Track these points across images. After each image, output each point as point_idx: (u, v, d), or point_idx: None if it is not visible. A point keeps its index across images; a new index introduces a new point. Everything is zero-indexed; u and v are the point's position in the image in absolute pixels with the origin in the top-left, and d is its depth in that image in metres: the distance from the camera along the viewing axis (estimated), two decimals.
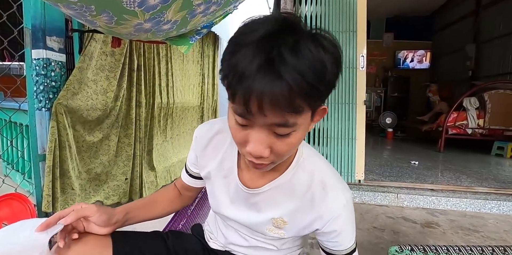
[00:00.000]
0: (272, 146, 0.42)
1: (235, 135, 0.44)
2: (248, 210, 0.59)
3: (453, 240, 1.70)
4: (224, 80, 0.39)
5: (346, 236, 0.55)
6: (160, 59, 2.35)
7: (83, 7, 0.89)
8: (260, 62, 0.35)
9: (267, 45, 0.35)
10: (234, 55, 0.37)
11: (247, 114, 0.38)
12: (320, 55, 0.37)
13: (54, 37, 1.38)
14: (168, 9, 1.07)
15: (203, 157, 0.63)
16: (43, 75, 1.34)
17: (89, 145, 1.63)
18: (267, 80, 0.35)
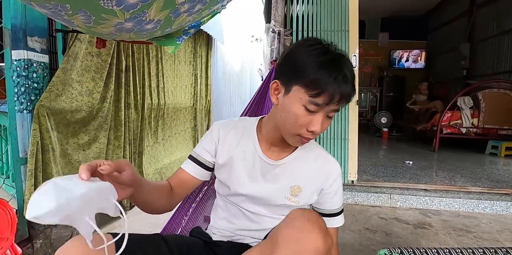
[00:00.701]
0: (323, 126, 0.63)
1: (301, 119, 0.62)
2: (267, 183, 0.72)
3: (445, 241, 1.68)
4: (306, 84, 0.60)
5: (340, 197, 0.76)
6: (150, 60, 2.31)
7: (57, 6, 0.86)
8: (340, 74, 0.59)
9: (340, 64, 0.60)
10: (315, 67, 0.59)
11: (325, 104, 0.60)
12: (351, 64, 0.64)
13: (36, 37, 1.34)
14: (149, 8, 1.04)
15: (224, 144, 0.75)
16: (24, 77, 1.30)
17: (74, 147, 1.59)
18: (345, 85, 0.59)
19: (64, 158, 1.54)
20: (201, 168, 0.76)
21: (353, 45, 2.36)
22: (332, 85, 0.58)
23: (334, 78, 0.58)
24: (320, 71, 0.58)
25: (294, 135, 0.65)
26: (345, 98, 0.60)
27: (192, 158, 0.77)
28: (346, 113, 2.38)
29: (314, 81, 0.58)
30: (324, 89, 0.58)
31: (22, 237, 1.31)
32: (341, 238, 1.69)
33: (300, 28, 2.41)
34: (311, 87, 0.59)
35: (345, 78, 0.59)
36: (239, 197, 0.74)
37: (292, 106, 0.62)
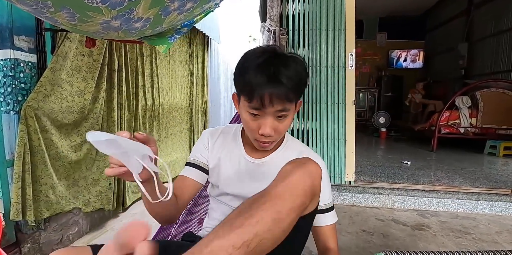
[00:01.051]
0: (275, 128, 0.65)
1: (250, 125, 0.66)
2: (253, 182, 0.74)
3: (443, 243, 1.65)
4: (242, 89, 0.64)
5: (327, 192, 0.74)
6: (144, 60, 2.28)
7: (39, 3, 0.83)
8: (267, 76, 0.60)
9: (268, 66, 0.60)
10: (246, 74, 0.61)
11: (262, 107, 0.61)
12: (297, 67, 0.63)
13: (23, 36, 1.31)
14: (137, 6, 1.01)
15: (213, 149, 0.80)
16: (11, 77, 1.27)
17: (66, 149, 1.56)
18: (273, 87, 0.60)
19: (56, 160, 1.50)
20: (200, 171, 0.80)
21: (349, 45, 2.33)
22: (260, 88, 0.59)
23: (261, 81, 0.59)
24: (250, 73, 0.60)
25: (253, 139, 0.69)
26: (278, 99, 0.60)
27: (190, 164, 0.81)
28: (343, 114, 2.35)
29: (245, 86, 0.62)
30: (253, 93, 0.60)
31: (9, 242, 1.27)
32: (338, 241, 1.65)
33: (296, 27, 2.38)
34: (245, 93, 0.62)
35: (274, 79, 0.59)
36: (229, 196, 0.77)
37: (242, 114, 0.67)
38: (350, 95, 2.34)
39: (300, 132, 2.42)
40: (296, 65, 0.63)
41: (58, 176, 1.52)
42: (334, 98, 2.36)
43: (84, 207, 1.68)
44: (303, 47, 2.38)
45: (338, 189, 2.32)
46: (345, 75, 2.34)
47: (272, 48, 0.64)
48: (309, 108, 2.40)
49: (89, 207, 1.72)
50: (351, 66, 2.34)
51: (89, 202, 1.74)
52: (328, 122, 2.38)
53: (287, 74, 0.60)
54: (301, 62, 0.65)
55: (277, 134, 0.66)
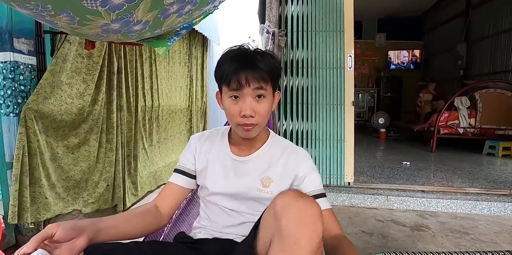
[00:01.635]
0: (255, 109, 0.69)
1: (232, 109, 0.70)
2: (239, 178, 0.77)
3: (442, 243, 1.66)
4: (220, 78, 0.70)
5: (315, 179, 0.78)
6: (144, 61, 2.29)
7: (38, 7, 0.83)
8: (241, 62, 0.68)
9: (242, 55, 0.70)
10: (223, 65, 0.70)
11: (239, 87, 0.67)
12: (271, 58, 0.72)
13: (23, 39, 1.31)
14: (136, 9, 1.02)
15: (200, 153, 0.82)
16: (11, 79, 1.27)
17: (64, 151, 1.56)
18: (248, 67, 0.68)
19: (54, 162, 1.50)
20: (187, 177, 0.82)
21: (348, 46, 2.34)
22: (235, 72, 0.67)
23: (235, 66, 0.67)
24: (225, 65, 0.69)
25: (236, 125, 0.72)
26: (253, 78, 0.67)
27: (178, 171, 0.83)
28: (342, 115, 2.36)
29: (224, 74, 0.68)
30: (230, 77, 0.67)
31: (9, 244, 1.27)
32: None
33: (295, 28, 2.39)
34: (224, 80, 0.69)
35: (247, 64, 0.67)
36: (217, 196, 0.78)
37: (225, 102, 0.71)
38: (349, 96, 2.35)
39: (299, 133, 2.42)
40: (269, 56, 0.72)
41: (56, 177, 1.52)
42: (333, 99, 2.37)
43: (84, 208, 1.69)
44: (302, 49, 2.39)
45: (338, 190, 2.32)
46: (344, 77, 2.35)
47: (244, 46, 0.73)
48: (308, 110, 2.41)
49: (87, 208, 1.73)
50: (350, 67, 2.35)
51: (88, 203, 1.74)
52: (327, 124, 2.38)
53: (261, 59, 0.69)
54: (274, 56, 0.74)
55: (258, 115, 0.69)
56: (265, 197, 0.75)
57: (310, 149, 2.40)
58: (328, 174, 2.40)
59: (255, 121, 0.70)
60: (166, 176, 2.78)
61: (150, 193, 2.50)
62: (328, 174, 2.40)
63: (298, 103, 2.41)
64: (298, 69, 2.40)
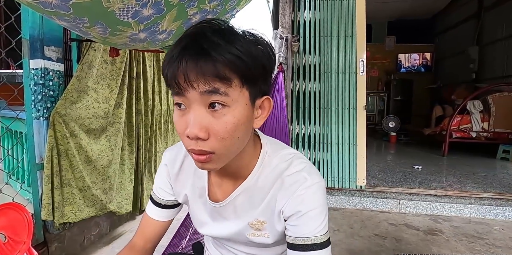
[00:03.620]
0: (209, 127, 0.43)
1: (179, 125, 0.45)
2: (228, 222, 0.59)
3: (457, 248, 1.66)
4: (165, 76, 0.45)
5: (315, 220, 0.50)
6: (160, 67, 2.36)
7: (76, 19, 0.89)
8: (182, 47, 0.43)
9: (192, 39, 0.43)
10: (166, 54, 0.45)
11: (180, 89, 0.43)
12: (245, 37, 0.45)
13: (52, 47, 1.39)
14: (162, 20, 1.08)
15: (177, 182, 0.63)
16: (41, 85, 1.35)
17: (98, 154, 1.63)
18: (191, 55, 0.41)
19: (89, 164, 1.57)
20: (165, 210, 0.65)
21: (360, 51, 2.37)
22: (173, 64, 0.42)
23: (176, 55, 0.42)
24: (168, 53, 0.45)
25: (188, 152, 0.47)
26: (199, 73, 0.41)
27: (153, 201, 0.66)
28: (354, 119, 2.38)
29: (164, 70, 0.45)
30: (166, 73, 0.44)
31: (38, 241, 1.34)
32: (350, 244, 1.68)
33: (308, 34, 2.43)
34: (166, 81, 0.46)
35: (193, 50, 0.41)
36: (210, 236, 0.65)
37: (174, 115, 0.47)
38: (361, 100, 2.38)
39: (312, 137, 2.45)
40: (244, 38, 0.44)
41: (93, 179, 1.58)
42: (345, 103, 2.40)
43: (119, 210, 1.76)
44: (315, 54, 2.43)
45: (350, 193, 2.34)
46: (356, 81, 2.38)
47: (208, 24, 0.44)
48: (321, 114, 2.44)
49: (122, 209, 1.80)
50: (361, 72, 2.38)
51: (122, 205, 1.81)
52: (339, 127, 2.41)
53: (220, 43, 0.41)
54: (260, 39, 0.47)
55: (214, 139, 0.43)
56: (260, 241, 0.57)
57: (322, 152, 2.43)
58: (340, 177, 2.42)
59: (209, 147, 0.44)
60: None
61: None
62: (340, 177, 2.42)
63: (311, 108, 2.45)
64: (311, 74, 2.44)
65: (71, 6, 0.82)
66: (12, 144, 1.75)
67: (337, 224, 1.96)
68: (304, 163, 0.54)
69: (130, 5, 0.90)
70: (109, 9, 0.88)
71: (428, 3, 5.82)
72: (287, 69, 2.34)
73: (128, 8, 0.91)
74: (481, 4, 5.11)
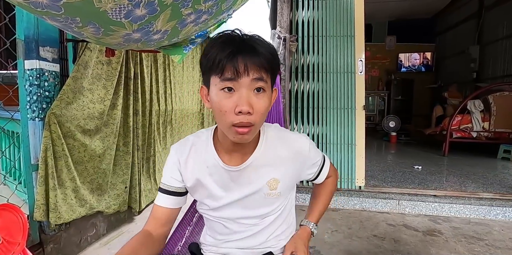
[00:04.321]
0: (253, 104, 0.56)
1: (224, 104, 0.57)
2: (242, 188, 0.69)
3: (456, 249, 1.65)
4: (210, 67, 0.57)
5: (316, 158, 0.78)
6: (158, 67, 2.35)
7: (68, 19, 0.89)
8: (237, 45, 0.57)
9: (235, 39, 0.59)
10: (211, 51, 0.57)
11: (236, 76, 0.55)
12: (271, 46, 0.61)
13: (48, 47, 1.39)
14: (156, 20, 1.07)
15: (186, 168, 0.71)
16: (36, 86, 1.34)
17: (91, 154, 1.62)
18: (246, 50, 0.56)
19: (80, 165, 1.56)
20: (175, 197, 0.72)
21: (359, 50, 2.36)
22: (230, 57, 0.55)
23: (230, 50, 0.55)
24: (216, 51, 0.56)
25: (229, 127, 0.58)
26: (253, 65, 0.55)
27: (162, 190, 0.73)
28: (353, 119, 2.37)
29: (215, 62, 0.56)
30: (223, 64, 0.55)
31: (33, 242, 1.33)
32: (348, 245, 1.67)
33: (306, 33, 2.42)
34: (216, 69, 0.56)
35: (244, 48, 0.56)
36: (220, 211, 0.72)
37: (214, 96, 0.58)
38: (360, 100, 2.36)
39: (310, 137, 2.44)
40: (268, 43, 0.60)
41: (82, 179, 1.58)
42: (343, 103, 2.38)
43: (106, 210, 1.75)
44: (313, 54, 2.42)
45: (348, 194, 2.33)
46: (355, 81, 2.37)
47: (238, 31, 0.61)
48: (319, 114, 2.43)
49: (110, 209, 1.79)
50: (360, 71, 2.37)
51: (110, 205, 1.80)
52: (338, 128, 2.40)
53: (259, 43, 0.58)
54: (272, 45, 0.63)
55: (256, 113, 0.57)
56: (272, 201, 0.70)
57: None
58: (339, 178, 2.40)
59: (252, 120, 0.57)
60: None
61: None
62: (339, 178, 2.40)
63: (309, 108, 2.44)
64: (309, 74, 2.43)
65: (62, 6, 0.82)
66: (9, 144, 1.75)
67: (335, 224, 1.94)
68: (292, 132, 0.77)
69: (123, 5, 0.90)
70: (101, 9, 0.87)
71: (428, 2, 5.80)
72: (285, 69, 2.33)
73: (121, 8, 0.91)
74: (481, 3, 5.09)
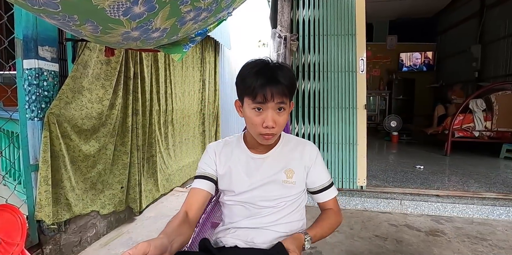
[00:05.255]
0: (276, 120, 0.76)
1: (255, 120, 0.77)
2: (264, 174, 0.85)
3: (459, 249, 1.63)
4: (246, 91, 0.77)
5: (325, 172, 0.89)
6: (159, 67, 2.34)
7: (66, 17, 0.88)
8: (266, 77, 0.75)
9: (265, 71, 0.77)
10: (247, 79, 0.77)
11: (264, 101, 0.74)
12: (289, 72, 0.79)
13: (47, 47, 1.38)
14: (155, 17, 1.06)
15: (220, 158, 0.89)
16: (35, 85, 1.33)
17: (85, 154, 1.61)
18: (272, 83, 0.75)
19: (74, 164, 1.56)
20: (209, 182, 0.86)
21: (360, 49, 2.34)
22: (261, 87, 0.74)
23: (261, 82, 0.74)
24: (250, 79, 0.75)
25: (257, 134, 0.79)
26: (277, 93, 0.74)
27: (199, 176, 0.87)
28: (354, 118, 2.36)
29: (249, 87, 0.75)
30: (257, 91, 0.74)
31: (32, 243, 1.32)
32: (350, 246, 1.65)
33: (307, 32, 2.41)
34: (249, 93, 0.76)
35: (271, 80, 0.74)
36: (244, 195, 0.85)
37: (247, 112, 0.78)
38: (361, 99, 2.35)
39: (312, 137, 2.43)
40: (287, 70, 0.79)
41: (76, 179, 1.57)
42: (345, 103, 2.37)
43: (101, 210, 1.73)
44: (314, 53, 2.40)
45: (350, 194, 2.31)
46: (356, 80, 2.35)
47: (265, 60, 0.80)
48: (320, 113, 2.41)
49: (105, 209, 1.78)
50: (361, 70, 2.35)
51: (105, 205, 1.79)
52: (339, 127, 2.38)
53: (282, 75, 0.76)
54: (290, 69, 0.82)
55: (277, 126, 0.77)
56: (289, 187, 0.84)
57: (322, 152, 2.40)
58: (340, 177, 2.39)
59: (275, 131, 0.77)
60: (179, 179, 2.82)
61: (163, 196, 2.54)
62: (340, 177, 2.39)
63: (310, 107, 2.42)
64: (310, 73, 2.42)
65: (59, 4, 0.81)
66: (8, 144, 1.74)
67: None
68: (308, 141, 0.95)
69: (121, 2, 0.88)
70: (98, 7, 0.86)
71: (429, 1, 5.78)
72: None
73: (119, 5, 0.89)
74: (483, 2, 5.06)
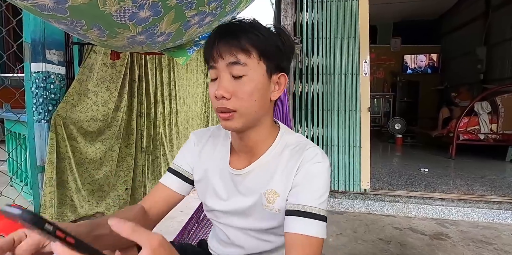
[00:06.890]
0: (231, 89, 0.54)
1: (211, 92, 0.57)
2: (242, 196, 0.63)
3: (464, 253, 1.61)
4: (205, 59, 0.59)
5: (315, 192, 0.57)
6: (163, 69, 2.37)
7: (73, 22, 0.90)
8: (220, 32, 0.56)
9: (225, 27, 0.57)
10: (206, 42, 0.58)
11: (213, 61, 0.55)
12: (267, 30, 0.57)
13: (54, 50, 1.40)
14: (160, 21, 1.07)
15: (200, 157, 0.69)
16: (43, 88, 1.36)
17: (92, 156, 1.64)
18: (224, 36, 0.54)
19: (81, 166, 1.58)
20: (182, 180, 0.69)
21: (363, 52, 2.34)
22: (212, 42, 0.55)
23: (213, 36, 0.56)
24: (207, 41, 0.58)
25: (218, 114, 0.58)
26: (227, 48, 0.53)
27: (172, 170, 0.70)
28: (358, 121, 2.35)
29: (204, 52, 0.59)
30: (206, 50, 0.57)
31: None
32: (354, 249, 1.65)
33: (310, 35, 2.41)
34: (206, 59, 0.58)
35: (226, 34, 0.54)
36: (218, 213, 0.67)
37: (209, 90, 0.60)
38: (365, 102, 2.35)
39: (315, 139, 2.43)
40: (259, 26, 0.57)
41: (82, 180, 1.60)
42: (348, 105, 2.37)
43: (107, 211, 1.75)
44: (317, 55, 2.41)
45: (354, 197, 2.31)
46: (360, 83, 2.35)
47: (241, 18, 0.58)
48: (324, 116, 2.41)
49: (110, 210, 1.79)
50: (365, 73, 2.35)
51: (110, 206, 1.81)
52: (343, 130, 2.38)
53: (247, 28, 0.55)
54: (281, 28, 0.60)
55: (236, 99, 0.54)
56: (270, 216, 0.61)
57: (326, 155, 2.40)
58: (344, 180, 2.38)
59: (231, 106, 0.54)
60: None
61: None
62: (344, 180, 2.38)
63: (314, 110, 2.43)
64: (314, 75, 2.42)
65: (68, 9, 0.83)
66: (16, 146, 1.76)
67: (340, 228, 1.92)
68: (318, 147, 0.64)
69: (127, 7, 0.90)
70: (105, 12, 0.88)
71: (434, 3, 5.75)
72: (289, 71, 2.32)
73: (125, 10, 0.91)
74: (488, 4, 5.03)
